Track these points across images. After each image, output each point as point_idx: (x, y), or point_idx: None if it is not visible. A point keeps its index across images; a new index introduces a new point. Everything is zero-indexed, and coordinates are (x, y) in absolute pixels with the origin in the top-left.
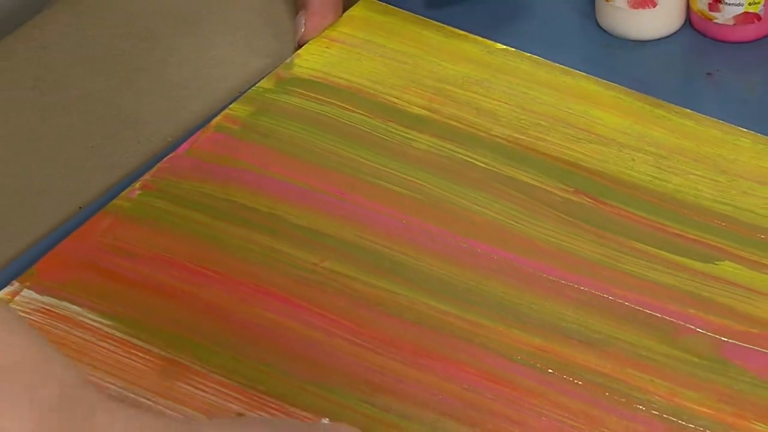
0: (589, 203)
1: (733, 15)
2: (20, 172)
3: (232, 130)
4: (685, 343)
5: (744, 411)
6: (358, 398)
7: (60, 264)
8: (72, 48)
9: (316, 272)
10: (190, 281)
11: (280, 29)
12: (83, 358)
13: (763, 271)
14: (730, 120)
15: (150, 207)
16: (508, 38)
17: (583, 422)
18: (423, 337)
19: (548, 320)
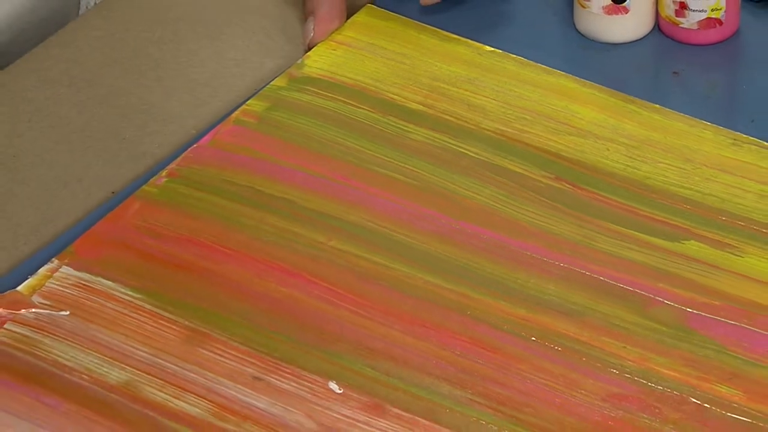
0: (569, 189)
1: (697, 20)
2: (59, 161)
3: (249, 123)
4: (654, 314)
5: (707, 374)
6: (362, 363)
7: (95, 243)
8: (104, 50)
9: (324, 250)
10: (211, 259)
11: (292, 34)
12: (116, 328)
13: (724, 250)
14: (694, 114)
15: (175, 192)
16: (496, 41)
17: (563, 384)
18: (419, 309)
19: (531, 293)
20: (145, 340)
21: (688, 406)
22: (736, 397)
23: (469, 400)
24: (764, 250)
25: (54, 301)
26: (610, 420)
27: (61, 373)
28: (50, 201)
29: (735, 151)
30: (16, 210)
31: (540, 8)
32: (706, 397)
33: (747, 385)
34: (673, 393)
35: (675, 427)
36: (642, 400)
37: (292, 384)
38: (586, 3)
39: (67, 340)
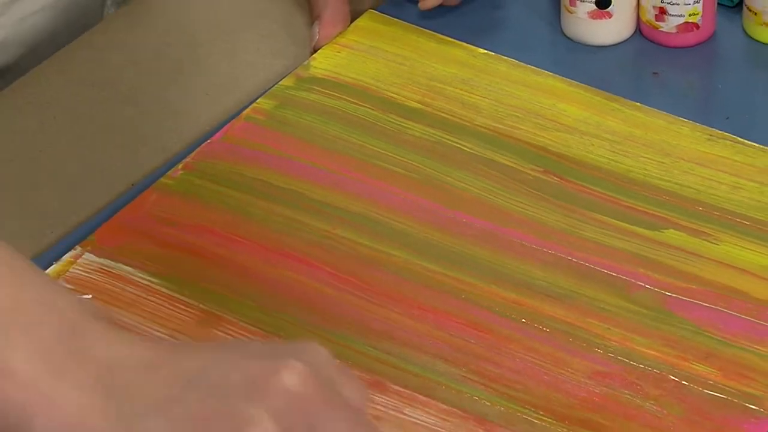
0: (556, 181)
1: (675, 24)
2: (82, 155)
3: (259, 120)
4: (635, 298)
5: (685, 353)
6: (364, 343)
7: (115, 232)
8: (125, 52)
9: (329, 238)
10: (223, 246)
11: (299, 37)
12: (135, 311)
13: (700, 238)
14: (673, 111)
15: (190, 184)
16: (489, 44)
17: (550, 363)
18: (417, 292)
19: (521, 278)
20: (162, 322)
21: (668, 383)
22: (712, 375)
23: (463, 378)
24: (738, 238)
25: (77, 286)
26: (595, 396)
27: None
28: (74, 192)
29: (711, 146)
30: (42, 201)
31: (529, 13)
32: (684, 374)
33: (722, 364)
34: (654, 371)
35: (655, 402)
36: (624, 377)
37: None
38: (572, 8)
39: None
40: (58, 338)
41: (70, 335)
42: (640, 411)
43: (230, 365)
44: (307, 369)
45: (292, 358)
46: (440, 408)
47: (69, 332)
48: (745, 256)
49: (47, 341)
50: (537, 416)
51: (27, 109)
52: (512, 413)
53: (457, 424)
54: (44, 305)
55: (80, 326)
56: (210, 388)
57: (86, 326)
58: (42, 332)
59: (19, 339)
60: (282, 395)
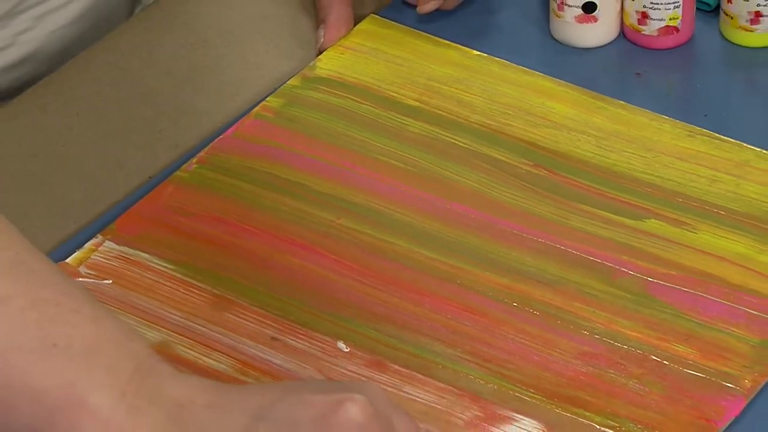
0: (546, 174)
1: (657, 28)
2: (103, 150)
3: (268, 117)
4: (619, 283)
5: (665, 335)
6: (366, 326)
7: (134, 221)
8: (143, 54)
9: (334, 228)
10: (235, 235)
11: (305, 40)
12: (152, 295)
13: (680, 227)
14: (655, 109)
15: (204, 177)
16: (482, 46)
17: (540, 344)
18: (416, 278)
19: (513, 265)
20: (177, 306)
21: (649, 363)
22: (691, 355)
23: (459, 358)
24: (716, 227)
25: (98, 272)
26: (582, 375)
27: None
28: (95, 185)
29: (690, 142)
30: (66, 192)
31: (520, 18)
32: (664, 355)
33: (700, 345)
34: (636, 351)
35: (638, 381)
36: (609, 357)
37: (305, 343)
38: (560, 13)
39: (110, 305)
40: (133, 378)
41: (145, 376)
42: (624, 389)
43: (297, 400)
44: (368, 402)
45: (354, 392)
46: (437, 386)
47: (144, 373)
48: (722, 245)
49: (124, 381)
50: (528, 394)
51: (51, 107)
52: (504, 391)
53: (452, 401)
54: (122, 347)
55: (153, 368)
56: (279, 421)
57: (158, 368)
58: (120, 372)
59: (99, 377)
60: (347, 426)
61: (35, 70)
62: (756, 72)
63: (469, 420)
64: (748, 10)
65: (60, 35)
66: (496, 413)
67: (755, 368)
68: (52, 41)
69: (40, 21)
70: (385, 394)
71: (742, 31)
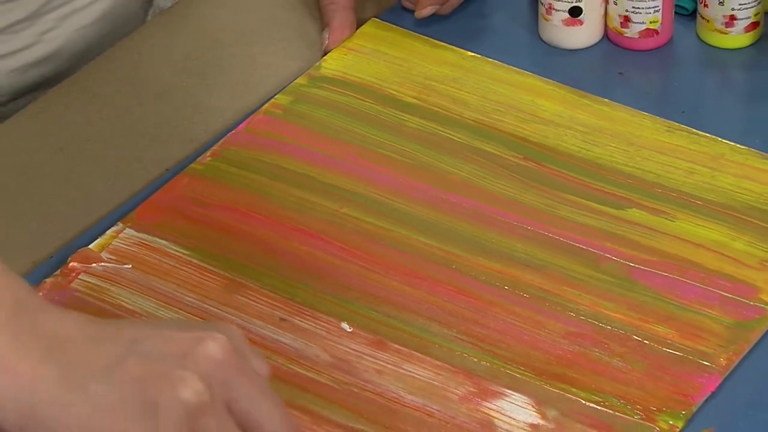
0: (534, 167)
1: (638, 30)
2: (123, 144)
3: (276, 113)
4: (603, 268)
5: (646, 317)
6: (367, 307)
7: (152, 210)
8: (160, 55)
9: (337, 216)
10: (246, 223)
11: (311, 41)
12: (169, 279)
13: (660, 216)
14: (636, 106)
15: (217, 169)
16: (476, 48)
17: (530, 325)
18: (414, 263)
19: (504, 251)
20: (192, 288)
21: (631, 342)
22: (670, 335)
23: (454, 338)
24: (693, 216)
25: (119, 257)
26: (568, 354)
27: (125, 315)
28: (116, 176)
29: (669, 136)
30: (89, 183)
31: (511, 21)
32: (645, 335)
33: (679, 326)
34: (619, 332)
35: (621, 359)
36: (594, 337)
37: (311, 324)
38: (548, 17)
39: (130, 288)
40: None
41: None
42: (608, 367)
43: (164, 336)
44: (227, 341)
45: (215, 331)
46: (434, 364)
47: (24, 308)
48: (698, 232)
49: (5, 314)
50: (518, 371)
51: (75, 104)
52: (496, 368)
53: (448, 378)
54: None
55: (33, 304)
56: (147, 354)
57: (38, 304)
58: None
59: None
60: (207, 361)
61: (58, 67)
62: (730, 72)
63: (463, 395)
64: (723, 14)
65: (82, 34)
66: (488, 389)
67: (729, 347)
68: (75, 40)
69: (64, 21)
70: (242, 335)
71: (718, 34)
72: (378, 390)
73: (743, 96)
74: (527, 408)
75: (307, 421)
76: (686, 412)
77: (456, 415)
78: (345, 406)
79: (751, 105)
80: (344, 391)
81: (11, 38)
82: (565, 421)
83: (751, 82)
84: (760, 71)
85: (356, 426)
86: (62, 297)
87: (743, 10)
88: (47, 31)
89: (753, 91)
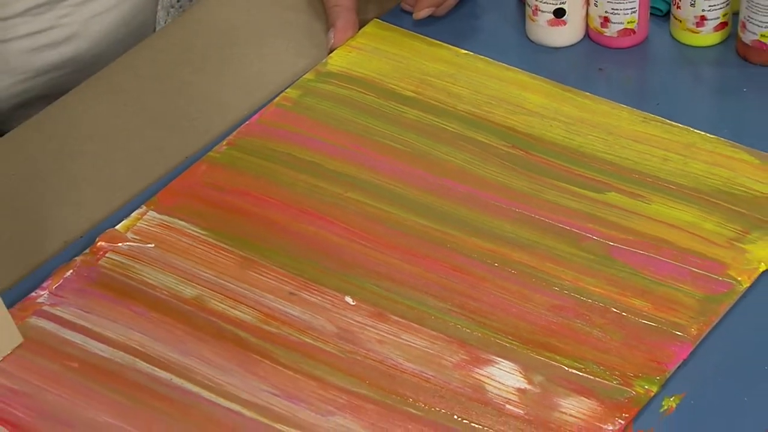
0: (522, 154)
1: (616, 30)
2: (146, 135)
3: (287, 106)
4: (585, 246)
5: (624, 291)
6: (369, 283)
7: (173, 194)
8: (179, 52)
9: (342, 200)
10: (259, 206)
11: (318, 41)
12: (188, 257)
13: (637, 199)
14: (615, 99)
15: (232, 157)
16: (469, 46)
17: (517, 298)
18: (412, 243)
19: (495, 231)
20: (209, 265)
21: (610, 314)
22: (646, 307)
23: (448, 310)
24: (666, 199)
25: (142, 237)
26: (553, 325)
27: (148, 290)
28: (139, 164)
29: (644, 126)
30: (115, 171)
31: (501, 22)
32: (623, 307)
33: (653, 299)
34: (599, 305)
35: (601, 330)
36: (576, 310)
37: (318, 298)
38: (534, 18)
39: (152, 265)
40: None
41: None
42: (589, 336)
43: None
44: None
45: None
46: (430, 334)
47: None
48: (672, 214)
49: None
50: (507, 340)
51: (102, 98)
52: (487, 338)
53: (443, 347)
54: None
55: None
56: None
57: None
58: None
59: None
60: None
61: (78, 48)
62: (701, 67)
63: (456, 362)
64: (695, 15)
65: (98, 20)
66: (479, 357)
67: (700, 319)
68: (91, 25)
69: (81, 7)
70: None
71: (690, 33)
72: (379, 358)
73: (713, 90)
74: (515, 374)
75: (315, 386)
76: (660, 378)
77: (450, 381)
78: (349, 373)
79: (720, 98)
80: (348, 359)
81: (31, 20)
82: (549, 386)
83: (720, 77)
84: (728, 67)
85: (359, 391)
86: (91, 273)
87: (713, 11)
88: (65, 16)
89: (722, 85)
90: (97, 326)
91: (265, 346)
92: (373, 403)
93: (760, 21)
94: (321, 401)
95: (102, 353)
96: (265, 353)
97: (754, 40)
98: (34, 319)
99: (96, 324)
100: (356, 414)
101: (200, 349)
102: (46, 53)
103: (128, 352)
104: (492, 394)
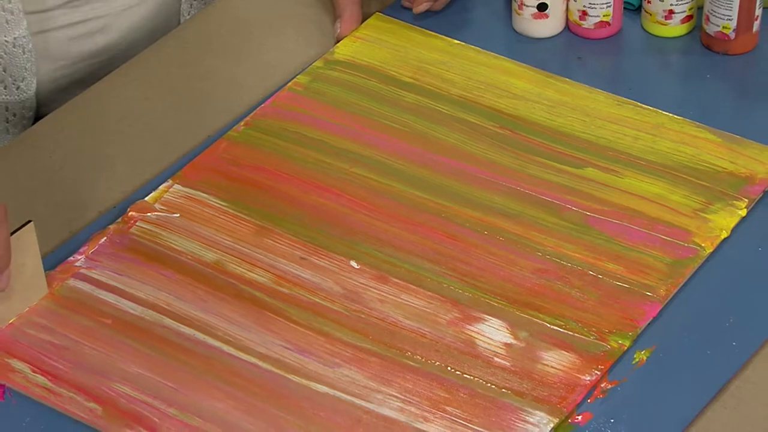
0: (509, 134)
1: (593, 22)
2: (171, 116)
3: (298, 91)
4: (565, 216)
5: (600, 256)
6: (373, 249)
7: (196, 169)
8: (201, 42)
9: (348, 174)
10: (273, 179)
11: (326, 31)
12: (210, 225)
13: (611, 174)
14: (592, 84)
15: (250, 136)
16: (461, 37)
17: (505, 263)
18: (411, 213)
19: (484, 203)
20: (228, 233)
21: (588, 277)
22: (619, 271)
23: (443, 273)
24: (638, 174)
25: (169, 207)
26: (536, 286)
27: (174, 254)
28: (166, 142)
29: (618, 109)
30: (144, 148)
31: (490, 15)
32: (599, 270)
33: (627, 263)
34: (578, 268)
35: (579, 290)
36: (557, 272)
37: (326, 262)
38: (520, 11)
39: (178, 233)
40: None
41: None
42: (568, 297)
43: None
44: None
45: None
46: (426, 294)
47: None
48: (642, 187)
49: None
50: (495, 301)
51: (133, 84)
52: (477, 298)
53: (438, 306)
54: None
55: None
56: None
57: None
58: None
59: None
60: None
61: (110, 39)
62: (669, 56)
63: (450, 320)
64: (663, 9)
65: (128, 14)
66: (471, 315)
67: (668, 281)
68: (121, 18)
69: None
70: None
71: (659, 25)
72: (381, 316)
73: (680, 76)
74: (502, 330)
75: (323, 341)
76: (632, 334)
77: (444, 336)
78: (354, 329)
79: (686, 83)
80: (353, 317)
81: (71, 12)
82: (533, 341)
83: (686, 64)
84: (693, 56)
85: (363, 345)
86: (123, 240)
87: (680, 5)
88: (98, 9)
89: (688, 71)
90: (128, 287)
91: (278, 305)
92: (376, 356)
93: (722, 14)
94: (329, 354)
95: (133, 311)
96: (278, 311)
97: (717, 32)
98: (72, 281)
99: (127, 285)
100: (360, 366)
101: (220, 307)
102: (82, 42)
103: (156, 310)
104: (482, 348)
